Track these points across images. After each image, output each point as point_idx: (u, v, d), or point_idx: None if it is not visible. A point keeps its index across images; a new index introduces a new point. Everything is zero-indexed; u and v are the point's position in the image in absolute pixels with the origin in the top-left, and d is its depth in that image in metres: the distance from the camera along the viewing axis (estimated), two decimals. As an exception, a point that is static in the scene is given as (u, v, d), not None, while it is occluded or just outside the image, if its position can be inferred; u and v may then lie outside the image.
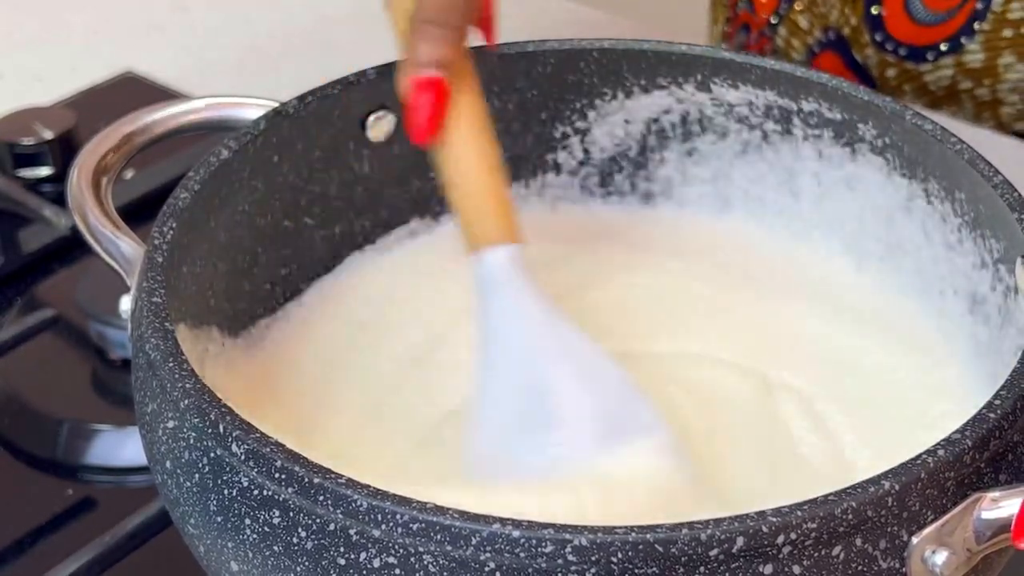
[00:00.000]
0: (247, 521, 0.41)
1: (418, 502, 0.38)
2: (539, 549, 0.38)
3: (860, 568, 0.39)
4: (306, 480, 0.40)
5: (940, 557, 0.40)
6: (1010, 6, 0.79)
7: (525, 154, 0.61)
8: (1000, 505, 0.41)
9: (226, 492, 0.41)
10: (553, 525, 0.38)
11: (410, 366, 0.55)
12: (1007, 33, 0.79)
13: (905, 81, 0.83)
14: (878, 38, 0.82)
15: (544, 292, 0.49)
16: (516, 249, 0.49)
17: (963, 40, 0.80)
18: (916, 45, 0.82)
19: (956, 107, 0.83)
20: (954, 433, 0.41)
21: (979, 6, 0.79)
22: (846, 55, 0.85)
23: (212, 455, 0.42)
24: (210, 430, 0.42)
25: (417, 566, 0.38)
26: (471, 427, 0.49)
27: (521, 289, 0.49)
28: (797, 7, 0.86)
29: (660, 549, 0.37)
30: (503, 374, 0.48)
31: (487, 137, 0.50)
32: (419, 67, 0.49)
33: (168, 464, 0.44)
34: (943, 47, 0.81)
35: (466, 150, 0.50)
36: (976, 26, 0.79)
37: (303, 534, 0.40)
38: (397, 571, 0.39)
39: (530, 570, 0.38)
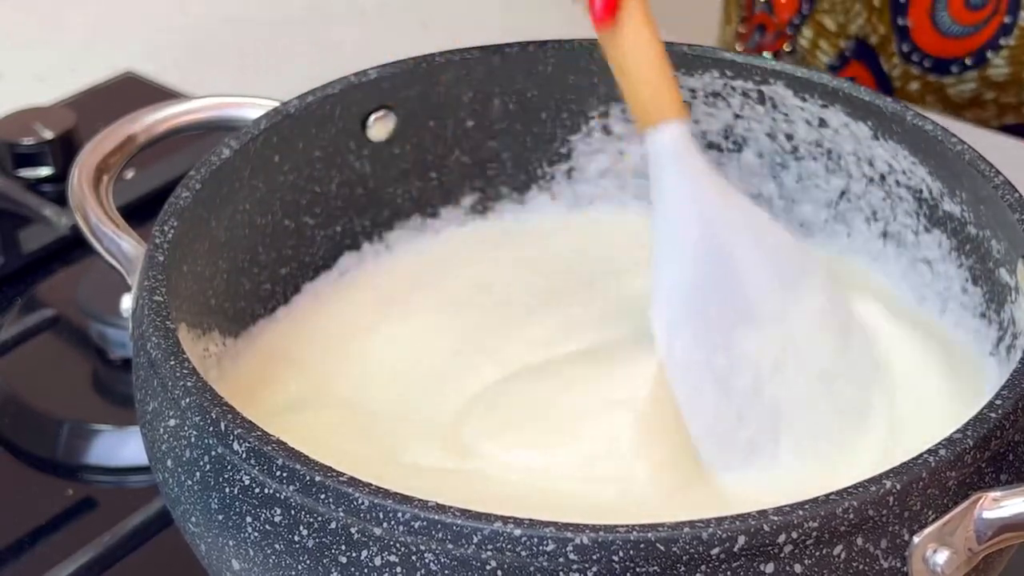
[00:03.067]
0: (248, 519, 0.41)
1: (419, 500, 0.38)
2: (541, 548, 0.38)
3: (861, 567, 0.39)
4: (307, 478, 0.40)
5: (941, 556, 0.40)
6: None
7: (525, 154, 0.61)
8: (1001, 505, 0.41)
9: (227, 490, 0.41)
10: (554, 524, 0.38)
11: (409, 364, 0.55)
12: None
13: (928, 93, 0.83)
14: (904, 48, 0.82)
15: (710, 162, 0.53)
16: (687, 124, 0.52)
17: (988, 55, 0.80)
18: (941, 57, 0.82)
19: (980, 110, 0.83)
20: (955, 432, 0.41)
21: (1007, 20, 0.79)
22: (872, 64, 0.85)
23: (213, 453, 0.42)
24: (211, 428, 0.42)
25: (418, 564, 0.38)
26: (657, 301, 0.52)
27: (696, 159, 0.52)
28: (824, 6, 0.85)
29: (661, 548, 0.38)
30: (684, 244, 0.52)
31: (655, 25, 0.52)
32: None
33: (169, 463, 0.44)
34: (968, 61, 0.81)
35: (640, 35, 0.51)
36: (1002, 41, 0.79)
37: (304, 532, 0.40)
38: (398, 569, 0.39)
39: (531, 568, 0.38)
